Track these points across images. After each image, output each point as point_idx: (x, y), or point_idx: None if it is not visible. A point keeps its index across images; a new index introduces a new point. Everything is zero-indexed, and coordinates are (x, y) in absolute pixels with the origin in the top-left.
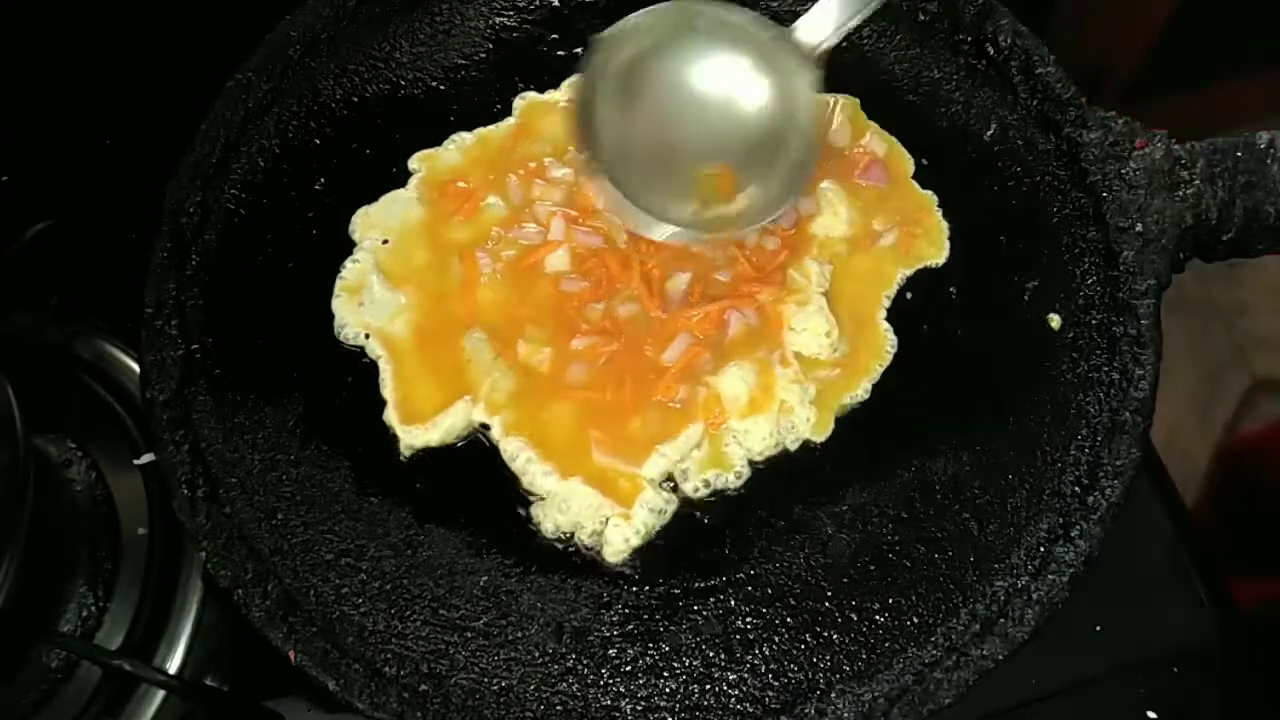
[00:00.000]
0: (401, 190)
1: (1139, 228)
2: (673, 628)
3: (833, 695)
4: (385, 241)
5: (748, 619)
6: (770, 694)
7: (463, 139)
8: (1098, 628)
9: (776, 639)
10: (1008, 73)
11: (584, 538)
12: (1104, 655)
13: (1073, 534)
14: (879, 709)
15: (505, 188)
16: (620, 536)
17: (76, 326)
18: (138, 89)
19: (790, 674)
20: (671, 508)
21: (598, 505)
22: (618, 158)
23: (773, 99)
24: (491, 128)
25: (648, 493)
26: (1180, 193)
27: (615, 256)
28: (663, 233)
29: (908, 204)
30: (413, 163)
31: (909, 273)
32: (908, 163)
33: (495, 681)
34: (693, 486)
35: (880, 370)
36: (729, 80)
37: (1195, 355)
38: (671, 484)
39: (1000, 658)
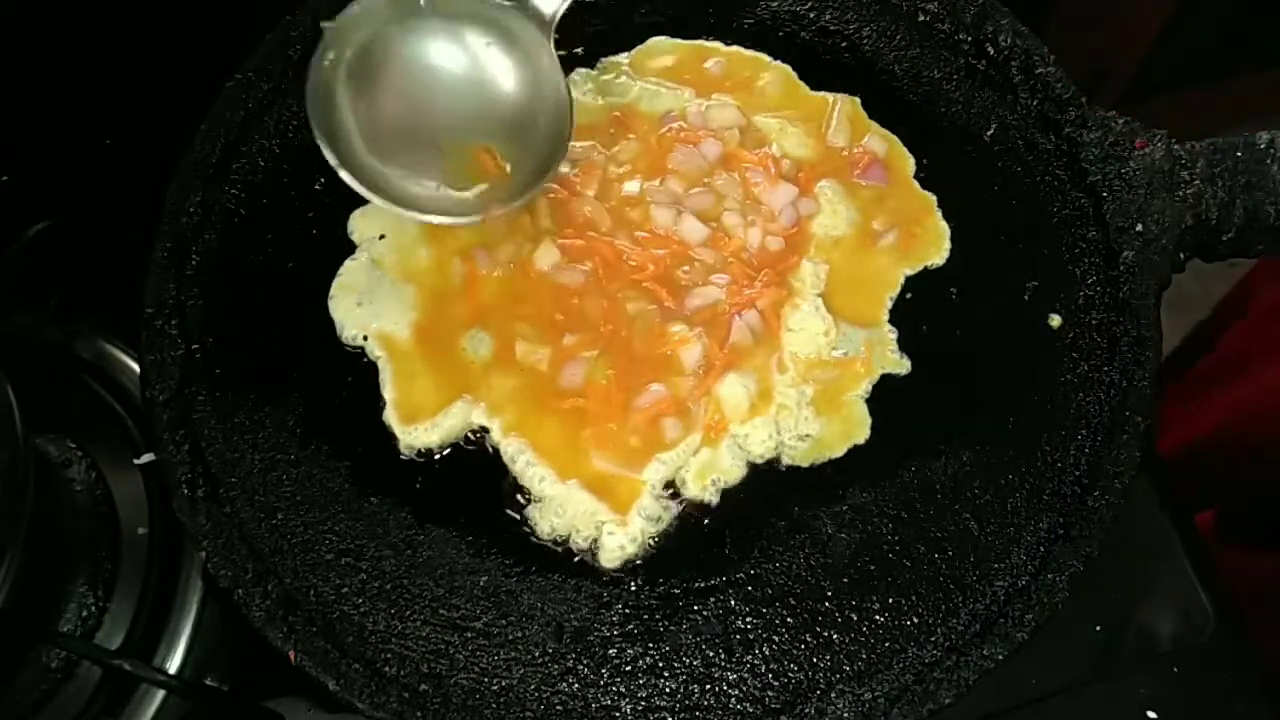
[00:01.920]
0: None
1: (1139, 228)
2: (673, 628)
3: (833, 695)
4: (382, 237)
5: (748, 619)
6: (770, 694)
7: None
8: (1098, 628)
9: (776, 639)
10: (1008, 73)
11: (579, 541)
12: (1104, 655)
13: (1073, 534)
14: (879, 709)
15: None
16: (616, 544)
17: (76, 326)
18: (138, 89)
19: (790, 674)
20: (669, 515)
21: (593, 511)
22: (371, 146)
23: (519, 76)
24: None
25: (645, 500)
26: (1180, 193)
27: (605, 244)
28: (436, 220)
29: (908, 204)
30: None
31: (910, 273)
32: (908, 162)
33: (495, 681)
34: (692, 491)
35: (882, 371)
36: (473, 61)
37: None
38: (670, 490)
39: (1000, 658)
